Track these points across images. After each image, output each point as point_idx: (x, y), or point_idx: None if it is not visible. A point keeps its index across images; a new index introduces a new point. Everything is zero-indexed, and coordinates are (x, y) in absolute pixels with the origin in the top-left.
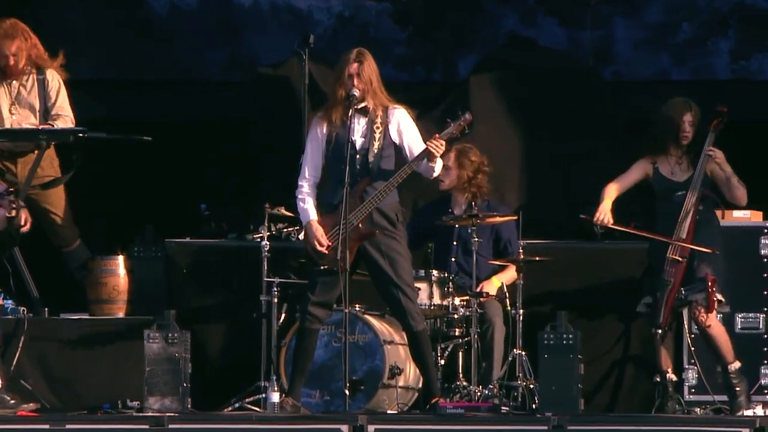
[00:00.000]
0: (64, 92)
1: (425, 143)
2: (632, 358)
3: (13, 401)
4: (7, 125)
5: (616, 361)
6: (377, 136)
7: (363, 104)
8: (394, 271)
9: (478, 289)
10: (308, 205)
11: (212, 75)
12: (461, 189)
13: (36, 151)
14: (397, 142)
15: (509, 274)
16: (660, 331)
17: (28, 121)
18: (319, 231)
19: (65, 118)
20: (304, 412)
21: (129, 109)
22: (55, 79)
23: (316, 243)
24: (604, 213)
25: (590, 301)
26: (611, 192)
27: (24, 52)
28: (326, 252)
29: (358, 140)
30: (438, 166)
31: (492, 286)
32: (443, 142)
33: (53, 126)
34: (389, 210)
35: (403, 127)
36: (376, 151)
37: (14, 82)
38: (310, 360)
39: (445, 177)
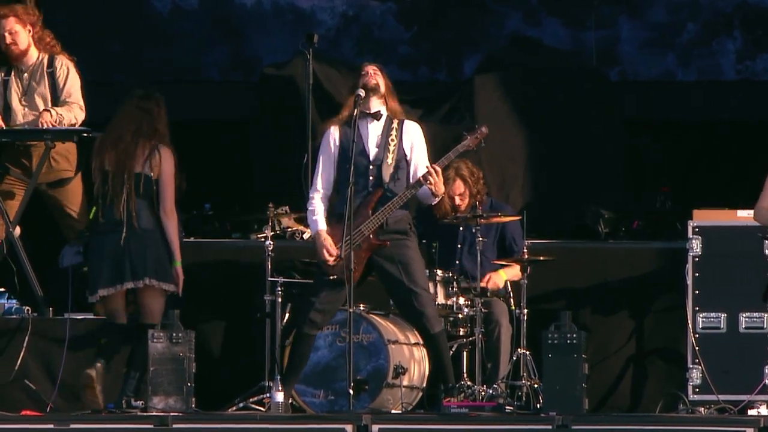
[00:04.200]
0: (73, 78)
1: (426, 169)
2: (638, 357)
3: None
4: (19, 116)
5: (627, 360)
6: (391, 148)
7: (376, 110)
8: (408, 277)
9: (484, 281)
10: (318, 216)
11: (214, 75)
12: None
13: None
14: (408, 157)
15: (513, 271)
16: None
17: (39, 112)
18: (327, 241)
19: (72, 105)
20: (308, 411)
21: None
22: (64, 65)
23: (325, 253)
24: None
25: (594, 300)
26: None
27: (22, 33)
28: (334, 263)
29: (372, 150)
30: (437, 199)
31: (499, 277)
32: (439, 170)
33: (51, 112)
34: (400, 220)
35: (416, 143)
36: (390, 162)
37: (25, 74)
38: (305, 363)
39: (461, 203)
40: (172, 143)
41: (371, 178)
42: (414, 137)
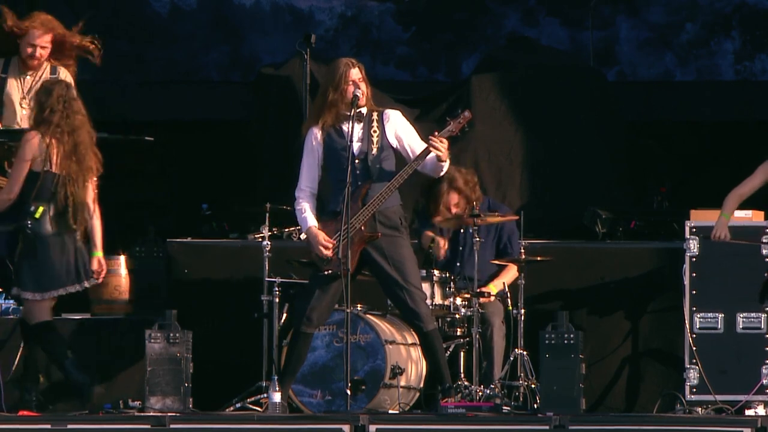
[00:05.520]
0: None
1: (425, 142)
2: (636, 357)
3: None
4: (18, 118)
5: (624, 361)
6: (375, 139)
7: (359, 110)
8: (401, 274)
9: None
10: (307, 214)
11: (213, 75)
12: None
13: None
14: (395, 145)
15: (510, 275)
16: None
17: None
18: (320, 235)
19: None
20: (305, 411)
21: (130, 109)
22: (67, 78)
23: (320, 247)
24: (722, 230)
25: (592, 300)
26: (731, 202)
27: (48, 49)
28: (331, 256)
29: (356, 144)
30: (445, 165)
31: (489, 291)
32: (444, 140)
33: None
34: (392, 214)
35: (401, 129)
36: (375, 153)
37: (28, 77)
38: (302, 363)
39: (458, 210)
40: (168, 142)
41: (357, 172)
42: (397, 124)
